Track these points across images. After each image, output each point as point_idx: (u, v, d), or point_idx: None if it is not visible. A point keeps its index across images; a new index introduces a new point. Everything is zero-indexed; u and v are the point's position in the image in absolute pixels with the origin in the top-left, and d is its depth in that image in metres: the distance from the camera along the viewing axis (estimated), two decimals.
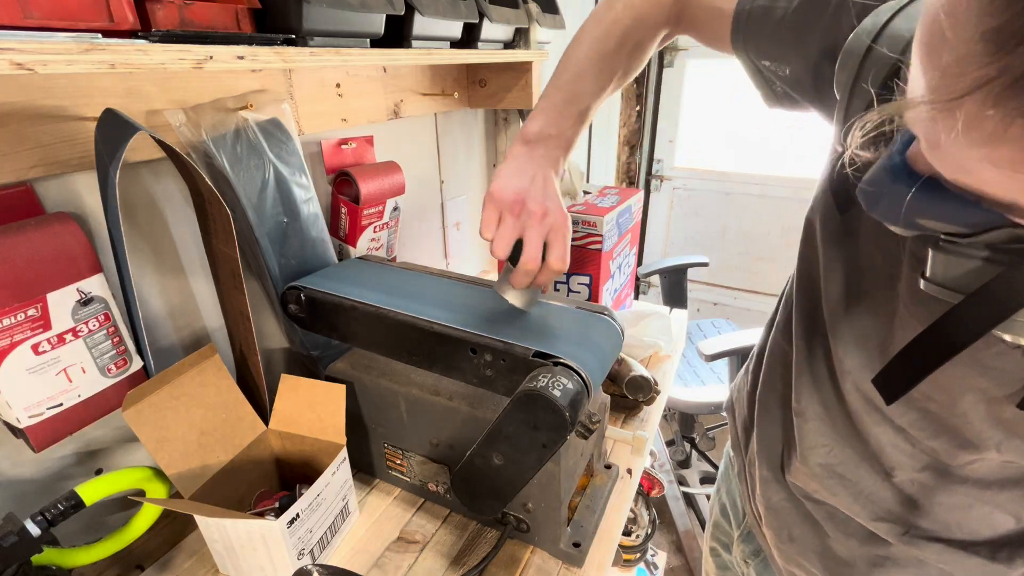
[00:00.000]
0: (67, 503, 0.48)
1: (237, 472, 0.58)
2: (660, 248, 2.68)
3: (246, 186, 0.60)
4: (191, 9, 0.46)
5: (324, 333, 0.64)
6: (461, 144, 1.14)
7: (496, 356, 0.51)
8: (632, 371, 0.77)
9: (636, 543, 1.17)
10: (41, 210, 0.49)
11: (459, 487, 0.51)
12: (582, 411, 0.45)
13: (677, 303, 1.90)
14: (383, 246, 0.86)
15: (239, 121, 0.60)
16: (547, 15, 1.00)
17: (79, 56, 0.35)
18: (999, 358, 0.36)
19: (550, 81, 0.60)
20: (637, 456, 0.72)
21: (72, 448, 0.56)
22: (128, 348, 0.53)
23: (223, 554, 0.54)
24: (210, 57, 0.43)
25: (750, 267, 2.46)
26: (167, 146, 0.49)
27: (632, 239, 0.93)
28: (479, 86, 1.05)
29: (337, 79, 0.76)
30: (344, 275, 0.66)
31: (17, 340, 0.44)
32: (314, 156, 0.76)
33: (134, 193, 0.57)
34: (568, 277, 0.82)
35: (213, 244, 0.61)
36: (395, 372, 0.61)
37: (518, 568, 0.57)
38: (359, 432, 0.64)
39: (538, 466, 0.46)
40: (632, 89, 2.35)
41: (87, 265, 0.48)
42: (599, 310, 0.58)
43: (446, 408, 0.56)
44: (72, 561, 0.52)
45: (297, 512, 0.51)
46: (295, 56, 0.51)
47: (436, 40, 0.75)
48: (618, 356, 0.68)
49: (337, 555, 0.58)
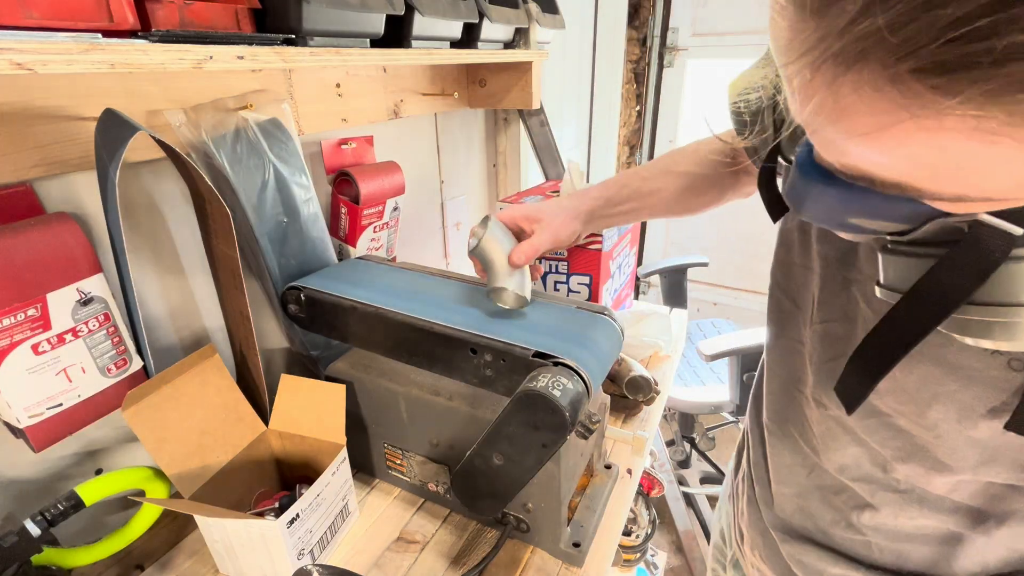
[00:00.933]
0: (67, 503, 0.48)
1: (237, 472, 0.58)
2: (660, 248, 2.68)
3: (246, 186, 0.60)
4: (191, 9, 0.46)
5: (324, 333, 0.64)
6: (461, 144, 1.14)
7: (496, 356, 0.51)
8: (632, 371, 0.77)
9: (636, 543, 1.17)
10: (41, 210, 0.49)
11: (459, 487, 0.51)
12: (582, 411, 0.45)
13: (677, 303, 1.90)
14: (383, 246, 0.86)
15: (239, 121, 0.60)
16: (547, 15, 0.99)
17: (79, 56, 0.35)
18: (962, 355, 0.35)
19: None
20: (637, 456, 0.72)
21: (72, 448, 0.56)
22: (128, 348, 0.52)
23: (223, 554, 0.54)
24: (210, 57, 0.43)
25: (750, 267, 2.46)
26: (167, 146, 0.49)
27: (632, 239, 0.93)
28: (479, 86, 1.05)
29: (337, 79, 0.76)
30: (344, 275, 0.66)
31: (17, 340, 0.44)
32: (314, 156, 0.76)
33: (134, 193, 0.57)
34: (568, 277, 0.82)
35: (213, 244, 0.61)
36: (395, 372, 0.61)
37: (518, 568, 0.57)
38: (359, 432, 0.64)
39: (538, 466, 0.46)
40: (632, 89, 2.35)
41: (87, 265, 0.48)
42: (599, 310, 0.58)
43: (446, 408, 0.56)
44: (72, 561, 0.52)
45: (297, 512, 0.51)
46: (295, 56, 0.51)
47: (436, 40, 0.75)
48: (618, 356, 0.68)
49: (337, 555, 0.58)
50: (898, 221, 0.28)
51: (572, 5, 1.60)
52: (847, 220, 0.29)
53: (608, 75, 2.09)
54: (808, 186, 0.28)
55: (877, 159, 0.22)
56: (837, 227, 0.31)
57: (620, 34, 2.15)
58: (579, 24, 1.71)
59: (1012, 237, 0.25)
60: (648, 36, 2.27)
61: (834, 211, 0.28)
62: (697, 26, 2.21)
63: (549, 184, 0.98)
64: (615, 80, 2.20)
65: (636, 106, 2.41)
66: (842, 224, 0.29)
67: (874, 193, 0.25)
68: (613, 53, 2.11)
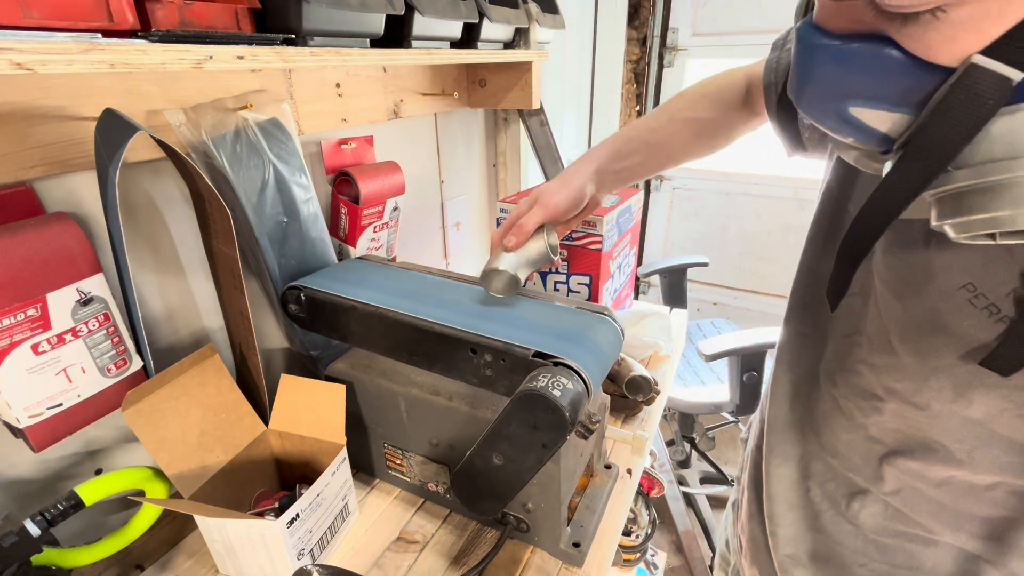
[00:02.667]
0: (67, 503, 0.48)
1: (237, 472, 0.58)
2: (660, 248, 2.68)
3: (246, 186, 0.60)
4: (191, 9, 0.46)
5: (324, 333, 0.64)
6: (461, 144, 1.14)
7: (496, 356, 0.51)
8: (632, 371, 0.77)
9: (636, 543, 1.17)
10: (41, 210, 0.49)
11: (459, 487, 0.51)
12: (582, 411, 0.45)
13: (677, 303, 1.90)
14: (383, 246, 0.86)
15: (239, 121, 0.60)
16: (547, 15, 0.99)
17: (79, 56, 0.35)
18: (959, 315, 0.34)
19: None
20: (637, 456, 0.72)
21: (72, 448, 0.56)
22: (128, 348, 0.52)
23: (223, 554, 0.54)
24: (210, 57, 0.43)
25: (750, 267, 2.46)
26: (167, 146, 0.49)
27: (632, 239, 0.92)
28: (479, 86, 1.05)
29: (337, 79, 0.76)
30: (344, 275, 0.66)
31: (17, 340, 0.44)
32: (314, 156, 0.76)
33: (134, 193, 0.57)
34: (568, 277, 0.82)
35: (213, 244, 0.61)
36: (395, 372, 0.61)
37: (518, 568, 0.57)
38: (359, 432, 0.64)
39: (538, 466, 0.46)
40: (632, 89, 2.35)
41: (87, 265, 0.48)
42: (599, 310, 0.58)
43: (446, 408, 0.56)
44: (72, 561, 0.52)
45: (297, 512, 0.51)
46: (295, 56, 0.51)
47: (436, 40, 0.75)
48: (618, 356, 0.68)
49: (337, 555, 0.58)
50: (898, 102, 0.26)
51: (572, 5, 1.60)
52: (847, 110, 0.28)
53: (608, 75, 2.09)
54: (809, 57, 0.27)
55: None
56: (839, 122, 0.29)
57: (620, 34, 2.15)
58: (579, 24, 1.71)
59: (1008, 83, 0.24)
60: (648, 36, 2.27)
61: (834, 92, 0.27)
62: (697, 26, 2.21)
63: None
64: (615, 80, 2.21)
65: (636, 106, 2.41)
66: (843, 117, 0.28)
67: (868, 60, 0.24)
68: (613, 53, 2.11)
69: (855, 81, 0.27)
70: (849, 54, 0.26)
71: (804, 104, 0.30)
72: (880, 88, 0.26)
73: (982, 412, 0.36)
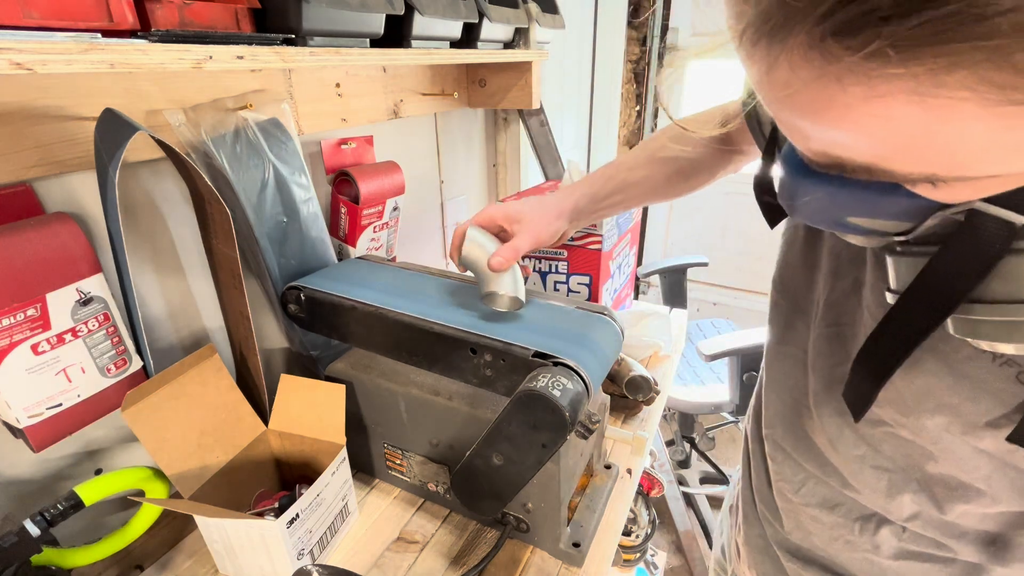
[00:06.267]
0: (67, 503, 0.48)
1: (237, 472, 0.58)
2: (660, 248, 2.68)
3: (246, 186, 0.60)
4: (191, 9, 0.46)
5: (324, 333, 0.64)
6: (461, 144, 1.14)
7: (496, 356, 0.51)
8: (632, 371, 0.76)
9: (636, 543, 1.17)
10: (41, 210, 0.49)
11: (459, 487, 0.50)
12: (582, 411, 0.45)
13: (677, 303, 1.90)
14: (383, 246, 0.86)
15: (239, 121, 0.60)
16: (547, 15, 0.99)
17: (79, 56, 0.35)
18: (971, 364, 0.33)
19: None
20: (637, 456, 0.72)
21: (72, 448, 0.56)
22: (128, 348, 0.52)
23: (223, 554, 0.54)
24: (210, 57, 0.43)
25: (750, 267, 2.46)
26: (167, 146, 0.49)
27: (632, 239, 0.92)
28: (479, 86, 1.05)
29: (337, 79, 0.76)
30: (344, 275, 0.66)
31: (16, 340, 0.44)
32: (314, 156, 0.76)
33: (134, 193, 0.57)
34: (568, 277, 0.82)
35: (213, 244, 0.61)
36: (395, 372, 0.61)
37: (518, 568, 0.57)
38: (359, 432, 0.64)
39: (538, 466, 0.46)
40: (632, 89, 2.35)
41: (87, 265, 0.48)
42: (599, 310, 0.57)
43: (446, 408, 0.56)
44: (72, 561, 0.52)
45: (297, 512, 0.51)
46: (295, 56, 0.51)
47: (436, 40, 0.75)
48: (618, 356, 0.68)
49: (337, 555, 0.58)
50: (897, 217, 0.26)
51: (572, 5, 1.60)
52: (844, 219, 0.27)
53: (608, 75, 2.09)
54: (796, 183, 0.27)
55: (835, 138, 0.21)
56: (836, 227, 0.29)
57: (620, 34, 2.15)
58: (579, 24, 1.71)
59: (1013, 227, 0.24)
60: (648, 36, 2.27)
61: (827, 209, 0.27)
62: (697, 26, 2.21)
63: (549, 184, 0.98)
64: (615, 80, 2.21)
65: (636, 106, 2.41)
66: (840, 224, 0.28)
67: (863, 186, 0.24)
68: (613, 53, 2.11)
69: (851, 204, 0.26)
70: (842, 184, 0.25)
71: (798, 217, 0.30)
72: (879, 210, 0.26)
73: (993, 445, 0.35)
